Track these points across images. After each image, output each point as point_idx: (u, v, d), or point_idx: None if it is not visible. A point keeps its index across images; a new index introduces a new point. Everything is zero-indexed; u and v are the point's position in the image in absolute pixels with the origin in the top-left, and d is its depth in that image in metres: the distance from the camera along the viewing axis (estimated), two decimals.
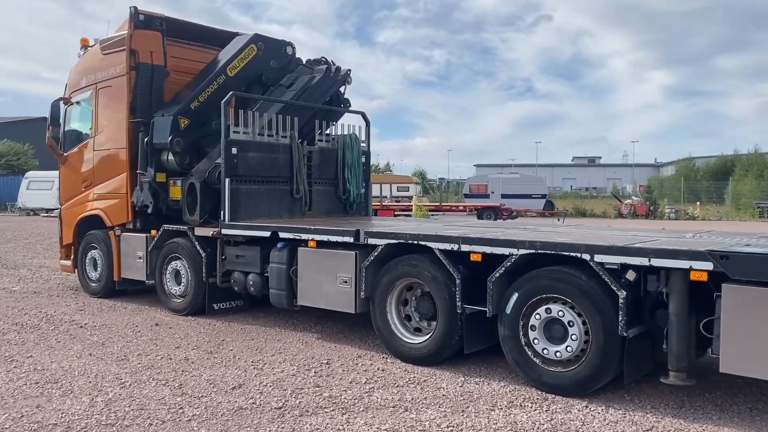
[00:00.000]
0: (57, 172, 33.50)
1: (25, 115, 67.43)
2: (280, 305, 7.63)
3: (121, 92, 9.51)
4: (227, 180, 8.13)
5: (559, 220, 32.47)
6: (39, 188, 39.69)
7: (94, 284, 10.14)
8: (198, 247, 8.44)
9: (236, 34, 10.69)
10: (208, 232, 8.31)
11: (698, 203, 41.19)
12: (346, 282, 6.84)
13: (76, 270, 10.59)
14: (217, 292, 8.52)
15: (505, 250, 5.64)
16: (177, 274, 8.84)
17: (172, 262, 8.86)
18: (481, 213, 32.05)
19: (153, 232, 9.14)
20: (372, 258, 6.62)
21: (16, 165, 52.62)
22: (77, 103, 10.56)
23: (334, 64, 10.07)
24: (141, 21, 9.51)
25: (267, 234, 7.65)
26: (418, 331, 6.54)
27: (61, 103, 10.65)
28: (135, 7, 9.41)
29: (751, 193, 46.33)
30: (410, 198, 36.97)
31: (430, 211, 30.23)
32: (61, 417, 4.80)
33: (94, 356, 6.51)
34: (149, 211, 9.09)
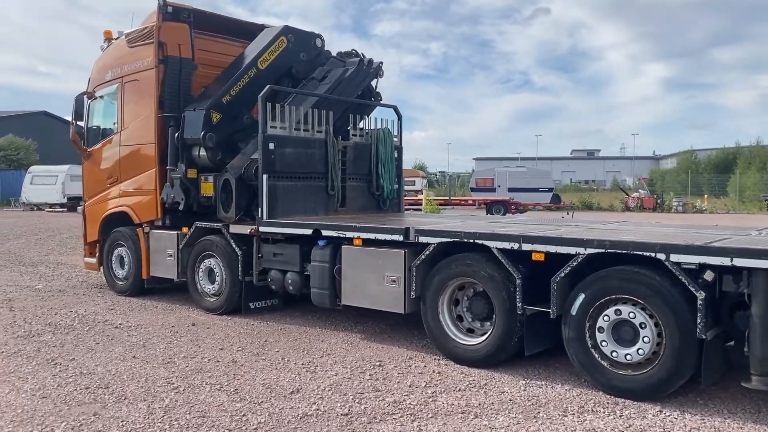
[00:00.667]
0: (60, 167, 33.45)
1: (23, 109, 67.08)
2: (322, 305, 7.45)
3: (148, 86, 9.30)
4: (265, 176, 7.93)
5: (568, 213, 32.27)
6: (42, 183, 39.42)
7: (121, 282, 9.94)
8: (234, 245, 8.24)
9: (263, 26, 10.48)
10: (245, 229, 8.10)
11: (706, 196, 41.03)
12: (394, 281, 6.65)
13: (101, 268, 10.39)
14: (253, 290, 8.33)
15: (571, 250, 5.46)
16: (210, 273, 8.65)
17: (206, 260, 8.67)
18: (491, 207, 31.89)
19: (184, 229, 8.94)
20: (423, 257, 6.43)
21: (17, 159, 52.24)
22: (101, 97, 10.34)
23: (364, 57, 9.85)
24: (169, 13, 9.28)
25: (309, 232, 7.45)
26: (470, 331, 6.36)
27: (85, 97, 10.43)
28: None
29: (756, 185, 46.25)
30: (416, 192, 36.78)
31: (440, 205, 30.01)
32: (122, 425, 4.61)
33: (138, 359, 6.32)
34: (180, 208, 8.88)
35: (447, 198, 35.07)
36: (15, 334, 7.31)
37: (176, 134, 8.88)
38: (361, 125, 9.73)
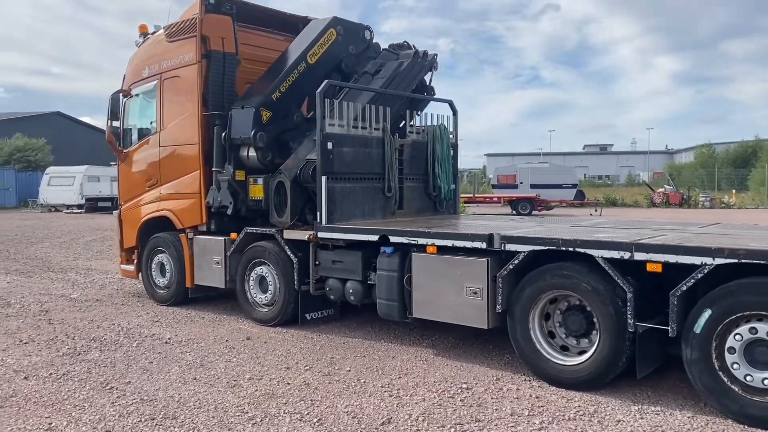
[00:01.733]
0: (77, 167, 33.11)
1: (37, 110, 66.92)
2: (390, 317, 6.87)
3: (190, 83, 8.74)
4: (324, 178, 7.34)
5: (596, 210, 31.54)
6: (60, 184, 39.12)
7: (162, 291, 9.40)
8: (288, 252, 7.67)
9: (307, 18, 9.91)
10: (302, 235, 7.52)
11: (734, 191, 40.12)
12: (476, 293, 6.05)
13: (140, 275, 9.86)
14: (310, 300, 7.76)
15: (696, 260, 4.83)
16: (262, 281, 8.08)
17: (257, 268, 8.10)
18: (516, 204, 31.21)
19: (233, 235, 8.38)
20: (511, 267, 5.82)
21: (34, 161, 52.00)
22: (138, 95, 9.79)
23: (417, 49, 9.24)
24: (211, 4, 8.72)
25: (374, 238, 6.86)
26: (564, 349, 5.76)
27: (120, 95, 9.88)
28: None
29: None
30: None
31: (465, 203, 29.35)
32: None
33: (200, 381, 5.75)
34: (228, 212, 8.32)
35: (471, 195, 34.35)
36: (60, 352, 6.77)
37: (223, 134, 8.32)
38: (412, 122, 9.12)
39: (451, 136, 9.19)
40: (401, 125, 8.93)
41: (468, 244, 6.09)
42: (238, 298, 8.36)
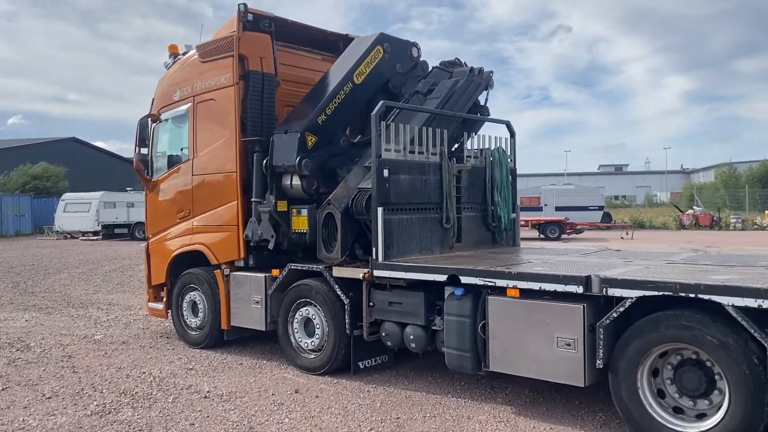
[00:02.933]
0: (93, 194, 32.67)
1: (52, 137, 66.88)
2: (461, 369, 6.03)
3: (227, 106, 8.05)
4: (380, 209, 6.55)
5: (627, 233, 30.59)
6: (76, 210, 38.61)
7: (194, 333, 8.60)
8: (338, 292, 6.87)
9: (347, 36, 9.24)
10: (355, 273, 6.73)
11: (766, 212, 38.92)
12: (569, 345, 5.21)
13: (169, 314, 9.08)
14: (363, 346, 6.94)
15: None
16: (308, 324, 7.28)
17: (302, 309, 7.30)
18: (544, 228, 30.27)
19: (275, 271, 7.60)
20: (615, 315, 4.99)
21: (47, 188, 51.64)
22: (168, 120, 9.11)
23: (470, 66, 8.50)
24: (249, 21, 8.06)
25: (442, 278, 6.05)
26: (677, 411, 4.89)
27: (149, 120, 9.20)
28: (245, 4, 7.97)
29: None
30: None
31: None
32: None
33: None
34: (270, 246, 7.57)
35: None
36: (87, 410, 5.98)
37: (264, 161, 7.59)
38: (468, 145, 8.35)
39: (509, 160, 8.39)
40: (453, 149, 8.17)
41: (560, 288, 5.26)
42: (281, 342, 7.55)
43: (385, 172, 6.65)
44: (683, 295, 4.67)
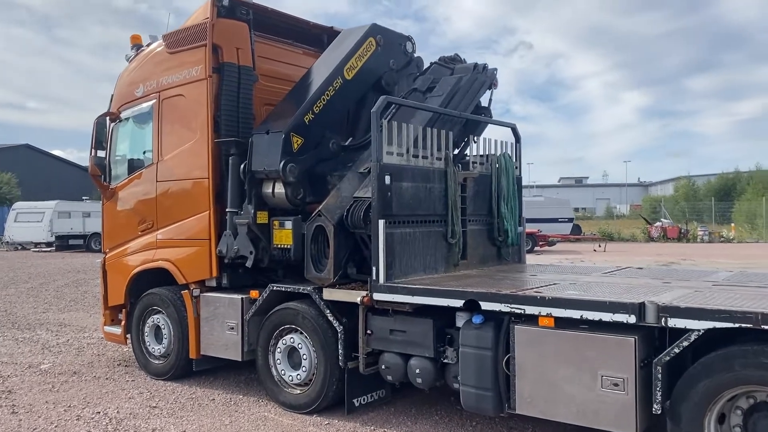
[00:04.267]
0: (47, 203, 30.94)
1: (4, 143, 64.13)
2: (480, 411, 5.13)
3: (198, 102, 7.06)
4: (381, 222, 5.62)
5: (600, 246, 30.20)
6: (28, 220, 36.63)
7: (157, 362, 7.51)
8: (330, 317, 5.92)
9: (332, 29, 8.33)
10: (351, 296, 5.77)
11: (733, 225, 39.14)
12: (617, 385, 4.36)
13: (128, 340, 7.97)
14: (358, 380, 5.98)
15: None
16: (293, 354, 6.30)
17: (286, 337, 6.31)
18: None
19: (253, 293, 6.60)
20: (677, 350, 4.15)
21: None
22: (129, 119, 8.04)
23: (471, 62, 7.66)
24: (224, 7, 7.09)
25: (457, 303, 5.15)
26: None
27: (107, 120, 8.12)
28: None
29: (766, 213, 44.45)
30: None
31: None
32: None
33: None
34: (248, 263, 6.57)
35: None
36: None
37: (242, 165, 6.60)
38: (468, 150, 7.50)
39: (515, 167, 7.56)
40: (454, 154, 7.30)
41: (606, 317, 4.41)
42: (260, 375, 6.54)
43: (387, 179, 5.73)
44: (764, 327, 3.85)
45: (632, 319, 4.30)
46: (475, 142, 7.41)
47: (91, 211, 37.86)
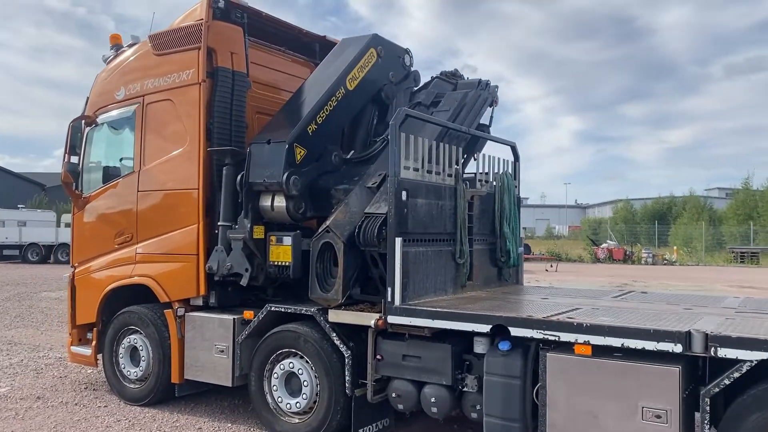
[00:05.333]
0: None
1: None
2: None
3: (188, 108, 6.65)
4: (398, 240, 5.31)
5: (552, 266, 30.58)
6: None
7: (133, 386, 6.94)
8: (336, 341, 5.55)
9: (324, 38, 8.05)
10: (362, 319, 5.42)
11: (675, 248, 40.42)
12: (659, 418, 4.16)
13: (99, 362, 7.36)
14: (365, 409, 5.61)
15: None
16: (291, 380, 5.89)
17: (283, 361, 5.89)
18: None
19: (247, 313, 6.16)
20: (727, 382, 3.99)
21: None
22: (107, 124, 7.50)
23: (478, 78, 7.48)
24: (219, 8, 6.70)
25: (484, 328, 4.88)
26: None
27: (83, 123, 7.55)
28: None
29: (701, 236, 46.24)
30: None
31: None
32: None
33: None
34: (243, 282, 6.14)
35: None
36: None
37: (239, 177, 6.19)
38: (468, 167, 7.29)
39: (515, 186, 7.38)
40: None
41: (650, 345, 4.21)
42: (254, 403, 6.09)
43: (404, 195, 5.43)
44: None
45: (678, 348, 4.12)
46: (475, 159, 7.22)
47: (27, 220, 36.13)
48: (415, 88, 7.53)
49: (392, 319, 5.27)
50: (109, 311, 7.24)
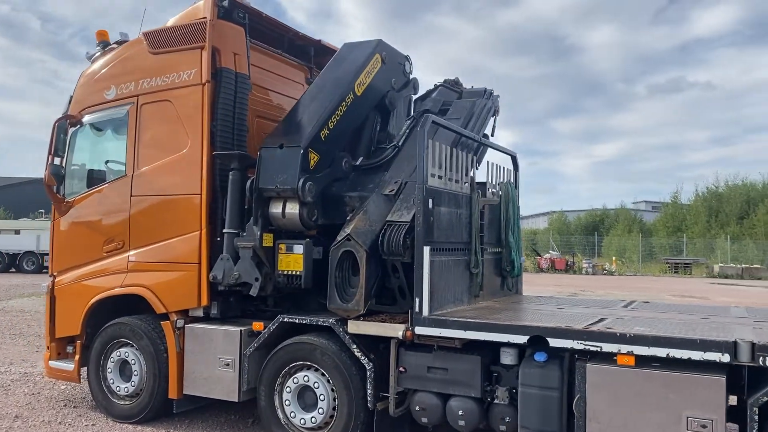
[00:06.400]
0: None
1: None
2: None
3: (190, 110, 6.37)
4: (426, 249, 5.19)
5: None
6: None
7: (123, 402, 6.53)
8: (357, 354, 5.37)
9: (319, 42, 7.89)
10: (387, 330, 5.26)
11: (614, 258, 41.72)
12: (704, 427, 4.19)
13: (82, 378, 6.92)
14: (386, 423, 5.45)
15: None
16: (304, 394, 5.66)
17: (297, 374, 5.66)
18: None
19: (257, 325, 5.90)
20: None
21: None
22: (94, 124, 7.10)
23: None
24: (223, 7, 6.46)
25: (520, 339, 4.81)
26: None
27: (67, 123, 7.11)
28: None
29: (635, 247, 48.05)
30: None
31: None
32: None
33: None
34: (252, 292, 5.88)
35: None
36: None
37: (249, 182, 5.94)
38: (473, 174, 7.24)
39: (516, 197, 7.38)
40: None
41: (697, 355, 4.24)
42: (263, 420, 5.83)
43: (430, 203, 5.33)
44: None
45: (726, 358, 4.16)
46: (476, 169, 7.18)
47: None
48: (414, 96, 7.48)
49: (420, 330, 5.14)
50: (93, 323, 6.82)
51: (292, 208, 5.87)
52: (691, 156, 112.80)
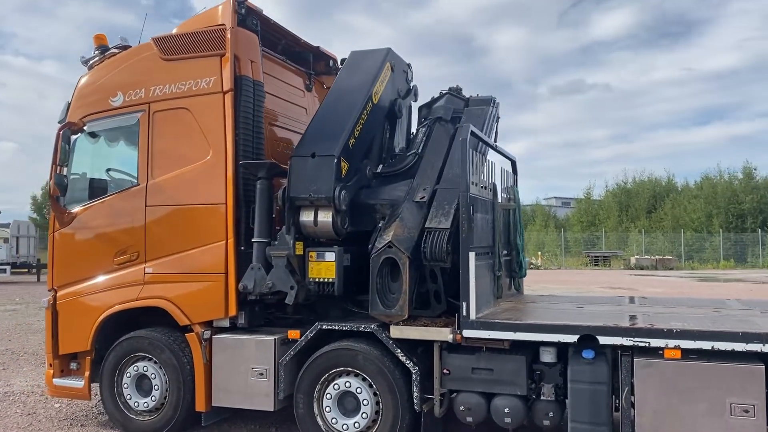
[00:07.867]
0: None
1: None
2: None
3: (211, 118, 6.30)
4: (472, 254, 5.38)
5: None
6: None
7: (143, 418, 6.36)
8: (402, 358, 5.50)
9: (318, 49, 7.95)
10: (433, 334, 5.43)
11: (540, 253, 43.31)
12: (747, 412, 4.61)
13: (94, 394, 6.67)
14: (431, 424, 5.61)
15: None
16: (345, 400, 5.73)
17: (338, 380, 5.72)
18: None
19: (293, 333, 5.91)
20: None
21: None
22: (99, 132, 6.87)
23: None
24: (240, 14, 6.43)
25: (570, 339, 5.09)
26: None
27: (69, 131, 6.82)
28: None
29: (554, 242, 50.23)
30: None
31: None
32: None
33: None
34: (288, 300, 5.88)
35: None
36: None
37: (280, 191, 5.95)
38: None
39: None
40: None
41: (740, 347, 4.65)
42: (300, 426, 5.83)
43: (471, 210, 5.53)
44: None
45: (763, 347, 4.60)
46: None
47: None
48: (414, 103, 7.66)
49: (468, 333, 5.33)
50: (102, 338, 6.60)
51: (325, 216, 5.92)
52: (593, 153, 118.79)
